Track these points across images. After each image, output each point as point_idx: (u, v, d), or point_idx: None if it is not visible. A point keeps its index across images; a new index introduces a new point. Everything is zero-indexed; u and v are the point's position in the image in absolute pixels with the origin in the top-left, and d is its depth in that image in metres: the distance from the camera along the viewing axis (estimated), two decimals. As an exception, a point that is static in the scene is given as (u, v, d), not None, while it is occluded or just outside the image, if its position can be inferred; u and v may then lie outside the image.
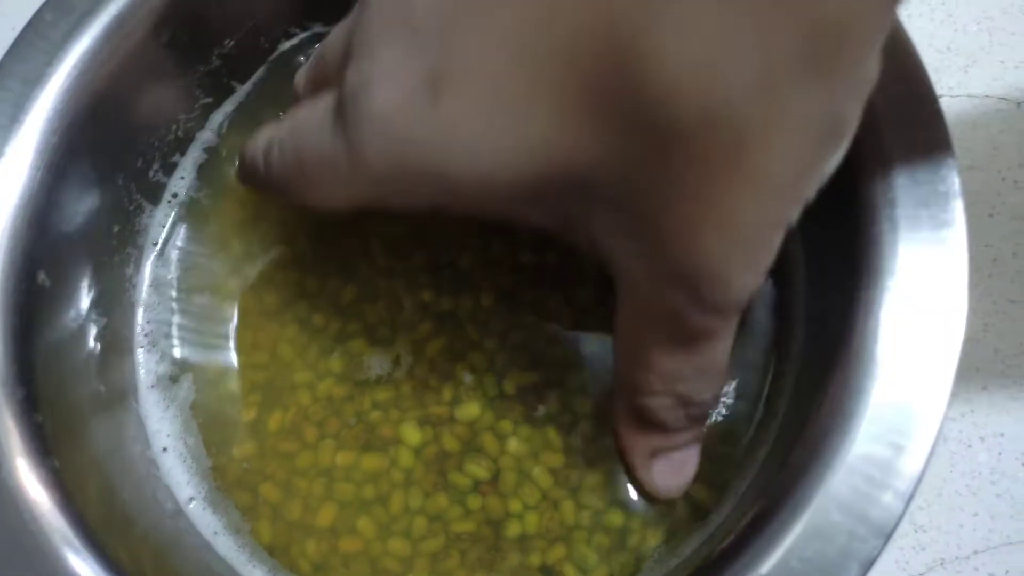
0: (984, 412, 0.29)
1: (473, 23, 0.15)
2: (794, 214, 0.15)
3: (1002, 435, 0.28)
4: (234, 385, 0.24)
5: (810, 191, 0.15)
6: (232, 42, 0.25)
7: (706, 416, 0.20)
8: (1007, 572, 0.27)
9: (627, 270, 0.17)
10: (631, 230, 0.16)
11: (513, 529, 0.22)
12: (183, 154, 0.26)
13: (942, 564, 0.27)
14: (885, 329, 0.18)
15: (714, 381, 0.19)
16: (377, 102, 0.16)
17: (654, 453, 0.21)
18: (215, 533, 0.23)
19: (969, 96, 0.31)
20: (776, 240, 0.16)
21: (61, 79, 0.21)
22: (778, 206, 0.15)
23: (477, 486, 0.22)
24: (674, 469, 0.21)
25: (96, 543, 0.18)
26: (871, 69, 0.14)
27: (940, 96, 0.31)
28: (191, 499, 0.23)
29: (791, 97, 0.13)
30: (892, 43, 0.20)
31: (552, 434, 0.22)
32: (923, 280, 0.19)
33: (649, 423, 0.20)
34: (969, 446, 0.28)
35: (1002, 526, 0.28)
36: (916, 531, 0.28)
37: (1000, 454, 0.28)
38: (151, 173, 0.25)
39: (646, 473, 0.21)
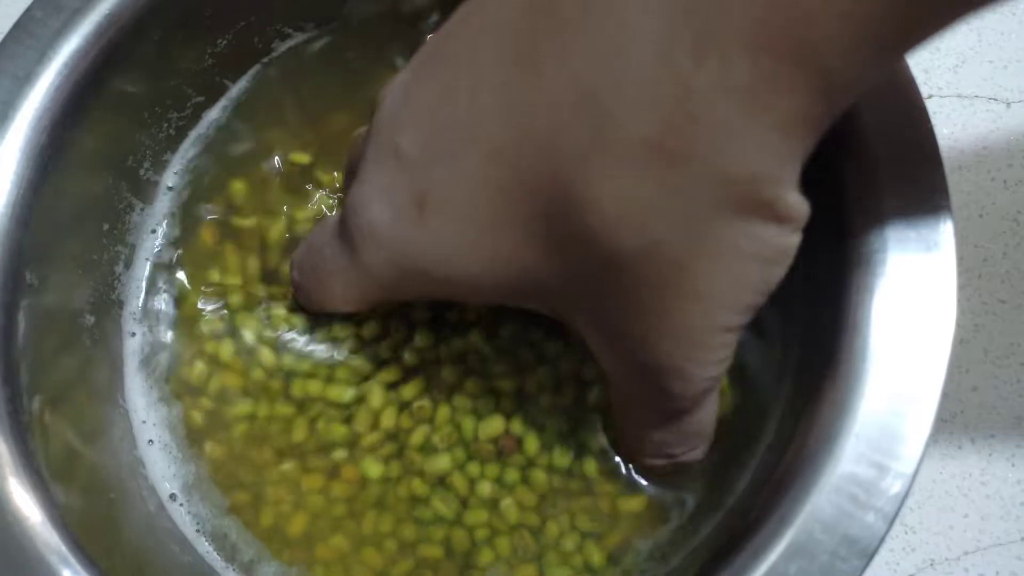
0: (974, 413, 0.29)
1: (449, 159, 0.18)
2: (744, 318, 0.17)
3: (992, 436, 0.28)
4: (217, 385, 0.24)
5: (755, 301, 0.17)
6: (225, 41, 0.25)
7: (696, 460, 0.22)
8: (997, 573, 0.27)
9: (605, 363, 0.19)
10: (600, 332, 0.18)
11: (485, 556, 0.22)
12: (174, 152, 0.26)
13: (932, 565, 0.27)
14: (872, 349, 0.18)
15: (702, 440, 0.21)
16: (374, 216, 0.19)
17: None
18: (197, 531, 0.23)
19: (959, 96, 0.31)
20: (731, 339, 0.17)
21: (51, 77, 0.21)
22: (725, 315, 0.17)
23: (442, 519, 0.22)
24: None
25: (79, 544, 0.19)
26: (793, 203, 0.16)
27: (930, 96, 0.32)
28: (172, 495, 0.23)
29: (718, 233, 0.15)
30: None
31: (521, 477, 0.23)
32: (910, 301, 0.19)
33: (649, 471, 0.23)
34: (959, 447, 0.28)
35: (992, 527, 0.28)
36: (906, 532, 0.28)
37: (990, 455, 0.28)
38: (142, 172, 0.25)
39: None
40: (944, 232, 0.19)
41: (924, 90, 0.29)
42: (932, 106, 0.29)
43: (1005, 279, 0.29)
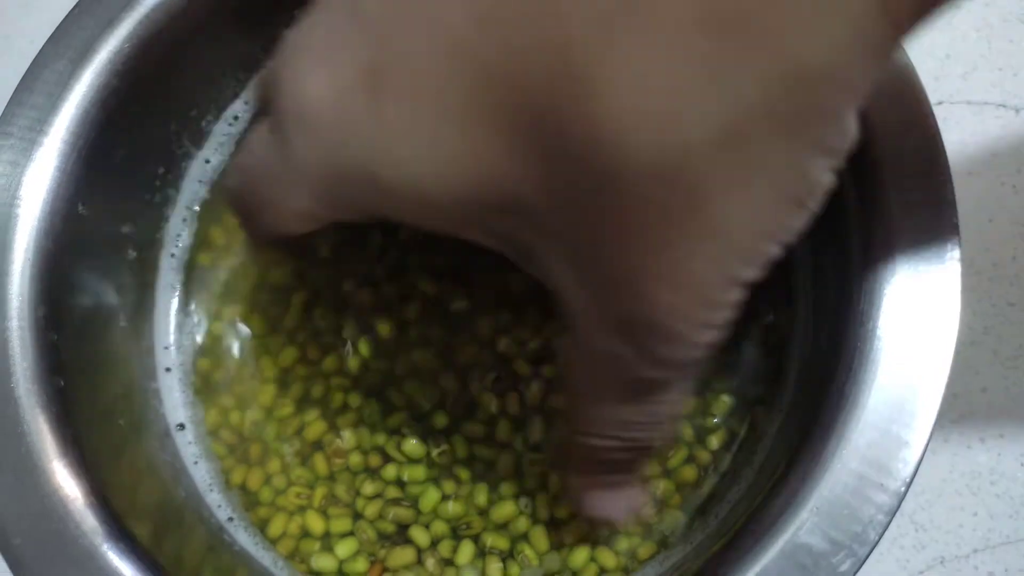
0: (984, 413, 0.29)
1: (420, 16, 0.13)
2: (752, 274, 0.14)
3: (1001, 436, 0.29)
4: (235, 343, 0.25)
5: (771, 251, 0.14)
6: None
7: (650, 454, 0.19)
8: (1006, 571, 0.28)
9: (576, 312, 0.16)
10: (577, 271, 0.15)
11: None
12: (235, 112, 0.26)
13: (942, 562, 0.28)
14: (880, 345, 0.19)
15: (667, 428, 0.18)
16: (310, 91, 0.14)
17: (597, 486, 0.19)
18: (195, 462, 0.24)
19: (968, 103, 0.32)
20: (732, 298, 0.14)
21: (131, 25, 0.22)
22: (734, 265, 0.14)
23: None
24: (617, 500, 0.20)
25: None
26: (847, 129, 0.13)
27: (939, 103, 0.32)
28: (180, 425, 0.24)
29: (755, 152, 0.12)
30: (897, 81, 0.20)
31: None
32: (916, 298, 0.19)
33: (593, 460, 0.18)
34: (969, 447, 0.29)
35: (1001, 525, 0.28)
36: (916, 530, 0.28)
37: (1000, 455, 0.29)
38: (203, 123, 0.26)
39: (589, 504, 0.20)
40: (950, 237, 0.19)
41: (934, 97, 0.29)
42: (942, 112, 0.29)
43: (1014, 282, 0.30)
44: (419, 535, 0.22)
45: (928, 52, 0.32)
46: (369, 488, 0.23)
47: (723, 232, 0.13)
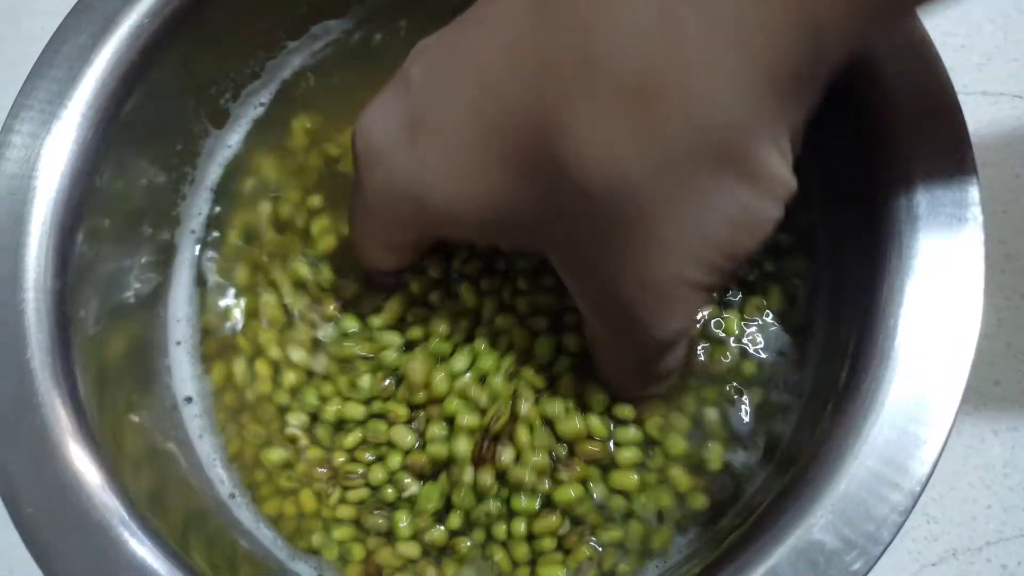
0: (997, 406, 0.29)
1: (448, 88, 0.18)
2: (712, 279, 0.17)
3: (1015, 429, 0.29)
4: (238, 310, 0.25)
5: (726, 265, 0.17)
6: None
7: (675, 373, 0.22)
8: (1019, 563, 0.28)
9: (578, 303, 0.20)
10: (573, 272, 0.19)
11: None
12: (254, 93, 0.26)
13: (954, 555, 0.28)
14: (900, 337, 0.18)
15: (679, 367, 0.21)
16: (373, 138, 0.19)
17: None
18: (200, 436, 0.24)
19: (984, 93, 0.32)
20: (696, 297, 0.18)
21: (152, 0, 0.22)
22: (688, 269, 0.17)
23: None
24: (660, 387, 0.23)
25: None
26: (775, 171, 0.16)
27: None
28: (188, 398, 0.25)
29: (688, 183, 0.16)
30: (915, 49, 0.20)
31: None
32: (938, 287, 0.19)
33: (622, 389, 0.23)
34: (982, 440, 0.29)
35: (1014, 518, 0.28)
36: (929, 522, 0.28)
37: (1013, 447, 0.28)
38: (222, 101, 0.26)
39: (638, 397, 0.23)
40: (972, 219, 0.19)
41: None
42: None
43: (1028, 274, 0.30)
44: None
45: (944, 43, 0.32)
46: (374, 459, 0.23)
47: (673, 243, 0.17)
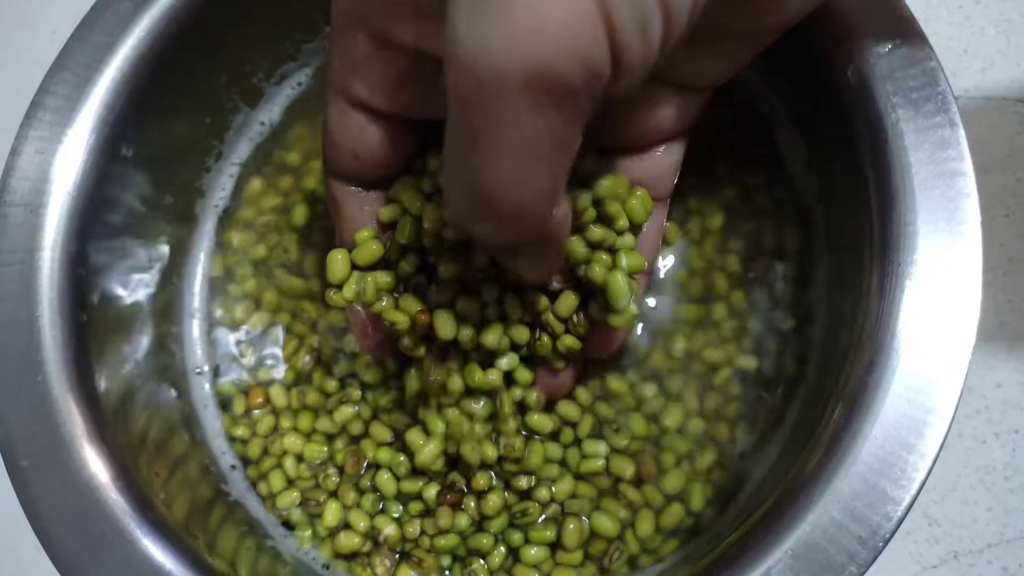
0: (999, 409, 0.29)
1: None
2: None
3: (1016, 432, 0.29)
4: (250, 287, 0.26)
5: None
6: None
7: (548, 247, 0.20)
8: (1020, 565, 0.28)
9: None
10: None
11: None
12: (289, 73, 0.27)
13: (955, 557, 0.28)
14: (900, 336, 0.19)
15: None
16: None
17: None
18: (205, 406, 0.25)
19: (986, 99, 0.32)
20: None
21: None
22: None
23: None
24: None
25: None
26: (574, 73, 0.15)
27: (957, 98, 0.32)
28: (199, 371, 0.25)
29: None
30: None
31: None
32: (936, 287, 0.19)
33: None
34: (984, 442, 0.29)
35: (1016, 521, 0.28)
36: (930, 525, 0.28)
37: (1014, 450, 0.29)
38: (255, 79, 0.26)
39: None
40: (970, 220, 0.19)
41: (951, 92, 0.29)
42: (959, 108, 0.29)
43: (1030, 278, 0.30)
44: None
45: (946, 47, 0.32)
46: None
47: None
